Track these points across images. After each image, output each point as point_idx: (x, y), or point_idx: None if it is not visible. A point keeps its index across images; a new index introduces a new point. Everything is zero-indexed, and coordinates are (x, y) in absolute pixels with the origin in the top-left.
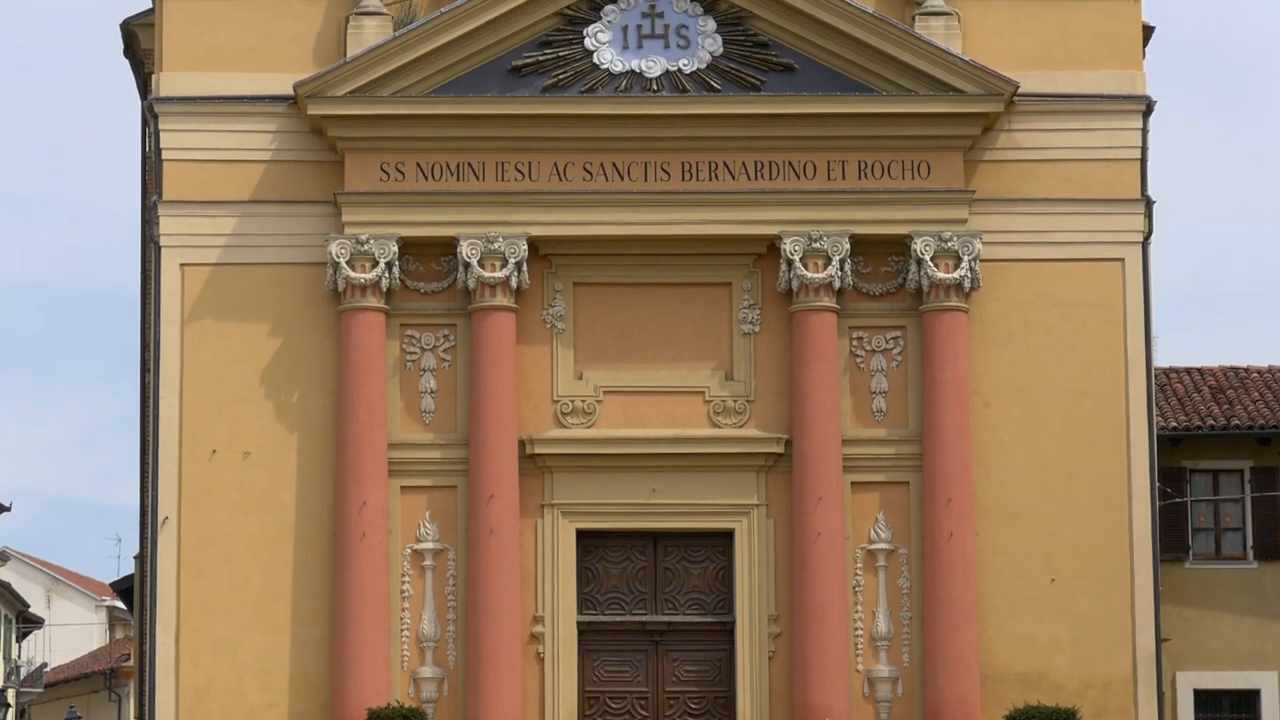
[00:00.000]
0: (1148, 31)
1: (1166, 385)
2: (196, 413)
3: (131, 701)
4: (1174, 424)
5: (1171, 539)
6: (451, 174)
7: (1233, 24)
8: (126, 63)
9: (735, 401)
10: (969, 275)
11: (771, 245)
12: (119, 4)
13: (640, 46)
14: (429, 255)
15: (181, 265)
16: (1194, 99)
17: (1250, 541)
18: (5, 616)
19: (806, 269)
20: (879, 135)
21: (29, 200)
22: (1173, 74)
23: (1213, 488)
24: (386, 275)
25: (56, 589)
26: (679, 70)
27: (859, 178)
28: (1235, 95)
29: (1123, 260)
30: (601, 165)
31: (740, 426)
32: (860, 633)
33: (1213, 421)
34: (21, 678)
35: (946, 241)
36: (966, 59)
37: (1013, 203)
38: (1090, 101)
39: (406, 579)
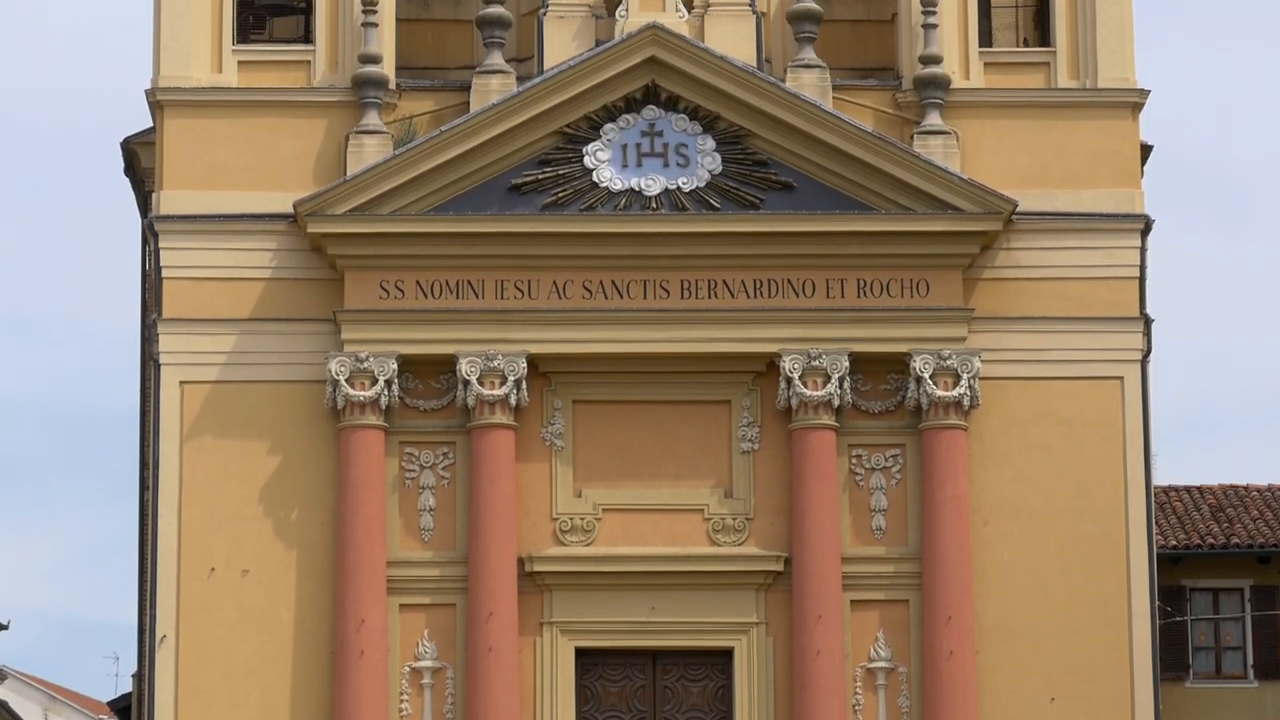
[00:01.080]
0: (1146, 150)
1: (1166, 503)
2: (195, 530)
3: None
4: (1174, 542)
5: (1172, 658)
6: (451, 292)
7: (1232, 143)
8: (127, 181)
9: (734, 519)
10: (968, 393)
11: (771, 363)
12: (119, 123)
13: (640, 165)
14: (428, 373)
15: (181, 383)
16: (1193, 217)
17: (1251, 660)
18: None
19: (806, 387)
20: (878, 253)
21: (28, 319)
22: (1172, 192)
23: (1213, 606)
24: (386, 393)
25: (54, 707)
26: (678, 188)
27: (858, 295)
28: (1235, 214)
29: (1122, 378)
30: (601, 283)
31: (739, 544)
32: None
33: (1212, 540)
34: None
35: (946, 359)
36: (965, 177)
37: (1012, 321)
38: (1089, 220)
39: (405, 697)
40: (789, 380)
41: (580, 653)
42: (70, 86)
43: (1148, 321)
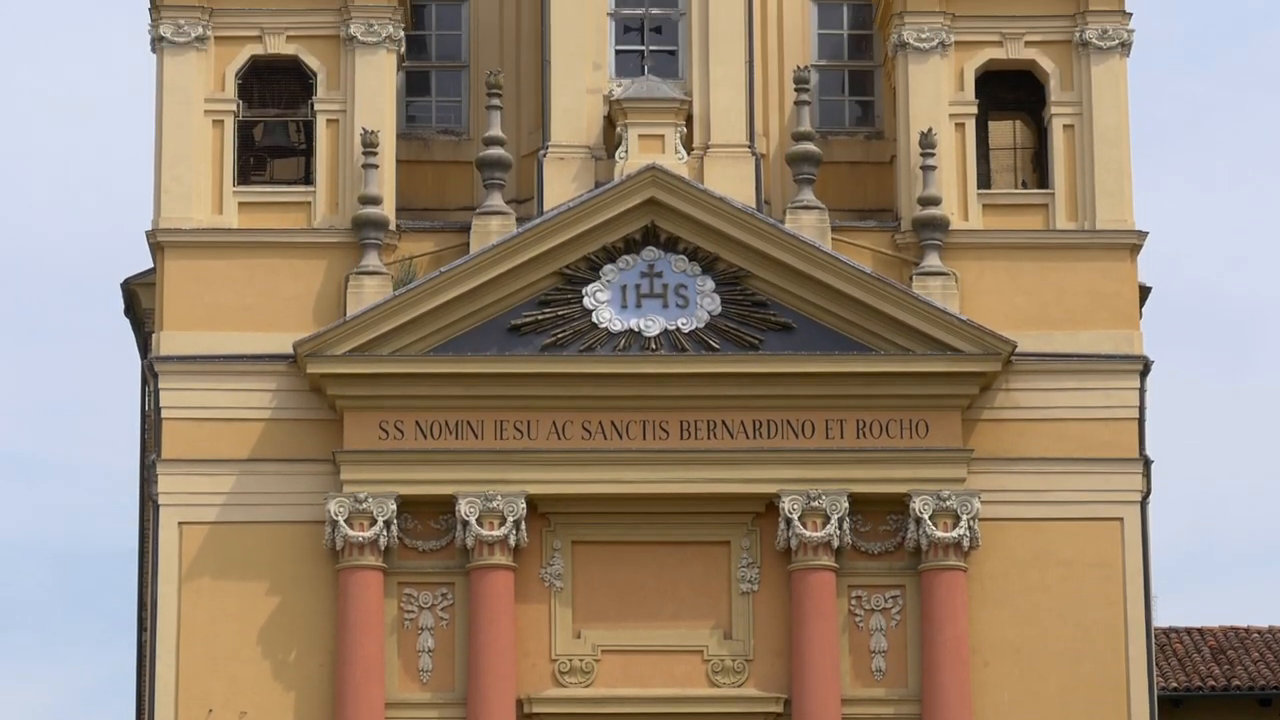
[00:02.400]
0: (1145, 291)
1: (1167, 645)
2: (193, 671)
3: None
4: (1174, 684)
5: None
6: (450, 432)
7: (1231, 284)
8: (127, 322)
9: (734, 660)
10: (968, 534)
11: (770, 503)
12: (120, 264)
13: (639, 305)
14: (427, 513)
15: (180, 523)
16: (1192, 358)
17: None
18: None
19: (805, 528)
20: (877, 394)
21: (27, 459)
22: (1171, 333)
23: None
24: (385, 534)
25: None
26: (678, 329)
27: (857, 436)
28: (1234, 354)
29: (1122, 520)
30: (600, 424)
31: (739, 686)
32: None
33: (1213, 682)
34: None
35: (945, 500)
36: (964, 318)
37: (1011, 461)
38: (1087, 361)
39: None
40: (788, 521)
41: None
42: (71, 227)
43: (1147, 463)
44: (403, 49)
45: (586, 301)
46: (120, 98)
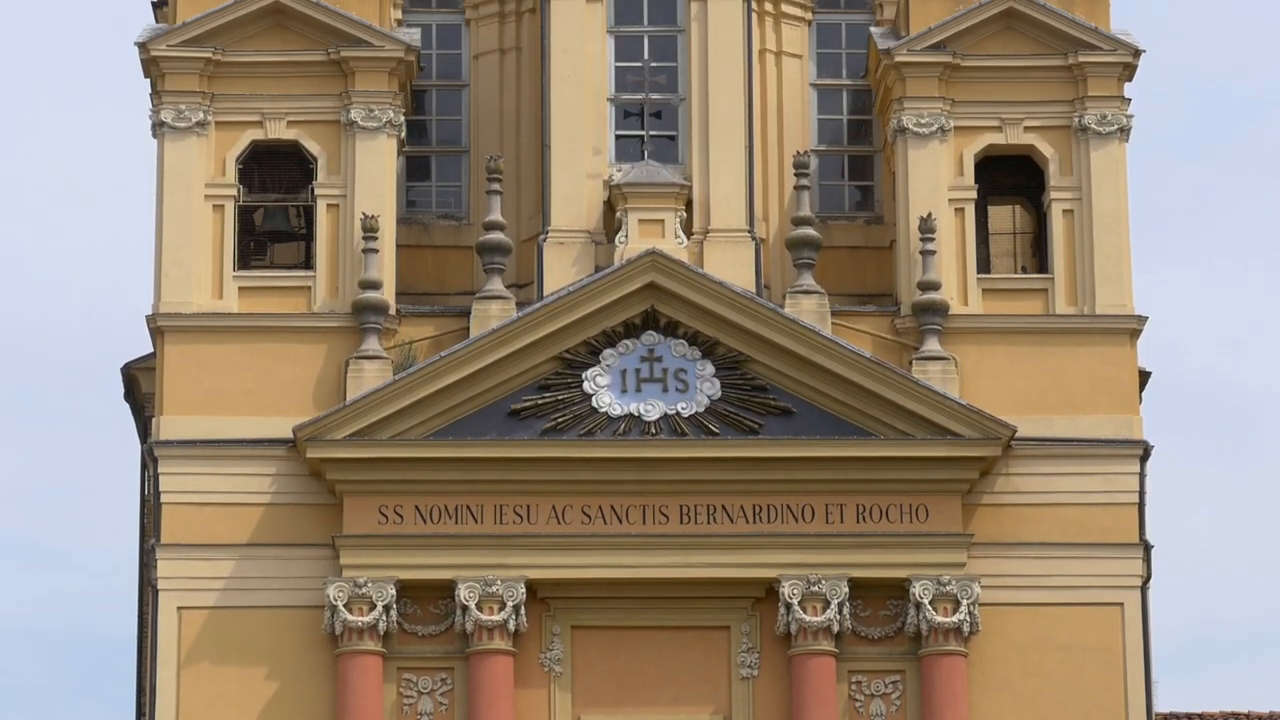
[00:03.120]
0: (1145, 376)
1: None
2: None
3: None
4: None
5: None
6: (450, 517)
7: (1232, 369)
8: (127, 406)
9: None
10: (968, 619)
11: (770, 588)
12: (120, 348)
13: (639, 390)
14: (427, 598)
15: (179, 608)
16: (1193, 442)
17: None
18: None
19: (805, 612)
20: (877, 478)
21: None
22: (1171, 417)
23: None
24: (384, 618)
25: None
26: (677, 413)
27: (857, 521)
28: (1235, 439)
29: (1122, 605)
30: (600, 508)
31: None
32: None
33: None
34: None
35: (945, 585)
36: (964, 403)
37: (1011, 546)
38: (1087, 446)
39: None
40: (788, 606)
41: None
42: (71, 311)
43: (1147, 548)
44: (403, 134)
45: (586, 386)
46: (121, 182)
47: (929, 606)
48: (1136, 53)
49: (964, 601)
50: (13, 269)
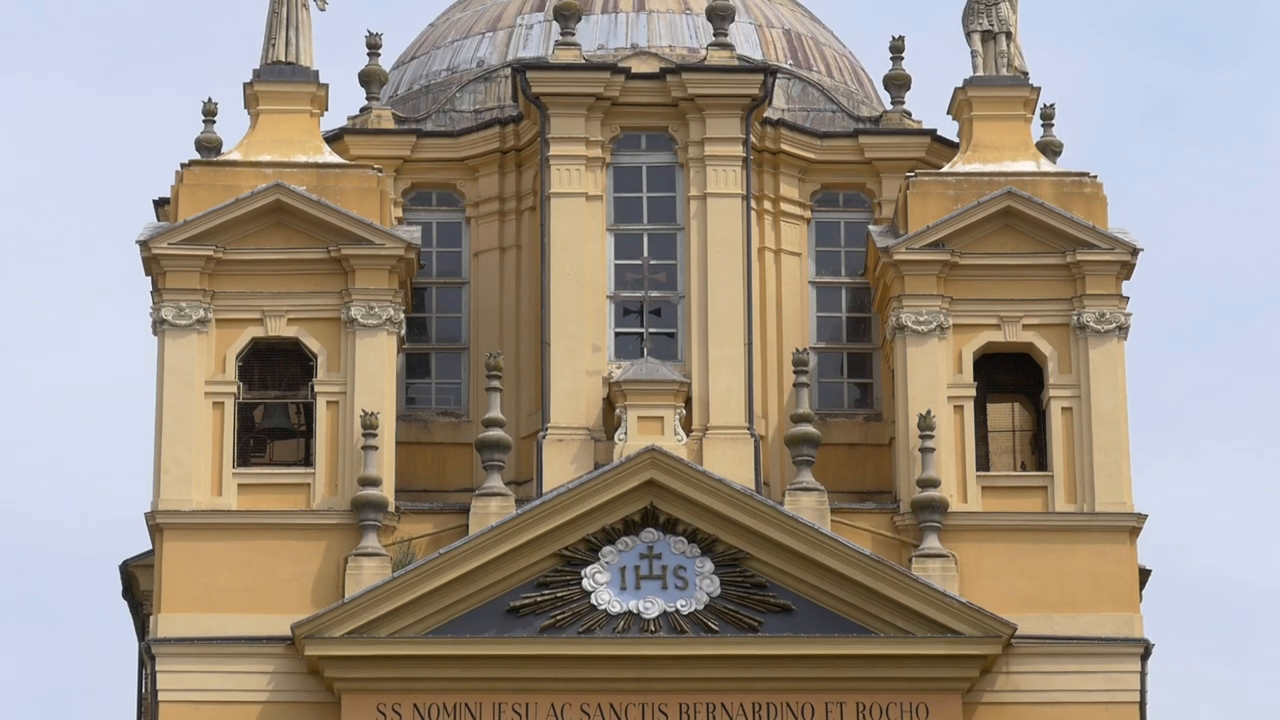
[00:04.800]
0: (1145, 574)
1: None
2: None
3: None
4: None
5: None
6: (448, 714)
7: (1233, 567)
8: (125, 604)
9: None
10: None
11: None
12: (118, 546)
13: (638, 587)
14: None
15: None
16: (1194, 641)
17: None
18: None
19: None
20: (877, 676)
21: None
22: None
23: None
24: None
25: None
26: (677, 611)
27: (857, 718)
28: (1237, 637)
29: None
30: (599, 706)
31: None
32: None
33: None
34: None
35: None
36: (964, 601)
37: None
38: (1088, 644)
39: None
40: None
41: None
42: (69, 509)
43: None
44: (403, 331)
45: (585, 583)
46: (121, 379)
47: None
48: (1134, 251)
49: None
50: (11, 466)
